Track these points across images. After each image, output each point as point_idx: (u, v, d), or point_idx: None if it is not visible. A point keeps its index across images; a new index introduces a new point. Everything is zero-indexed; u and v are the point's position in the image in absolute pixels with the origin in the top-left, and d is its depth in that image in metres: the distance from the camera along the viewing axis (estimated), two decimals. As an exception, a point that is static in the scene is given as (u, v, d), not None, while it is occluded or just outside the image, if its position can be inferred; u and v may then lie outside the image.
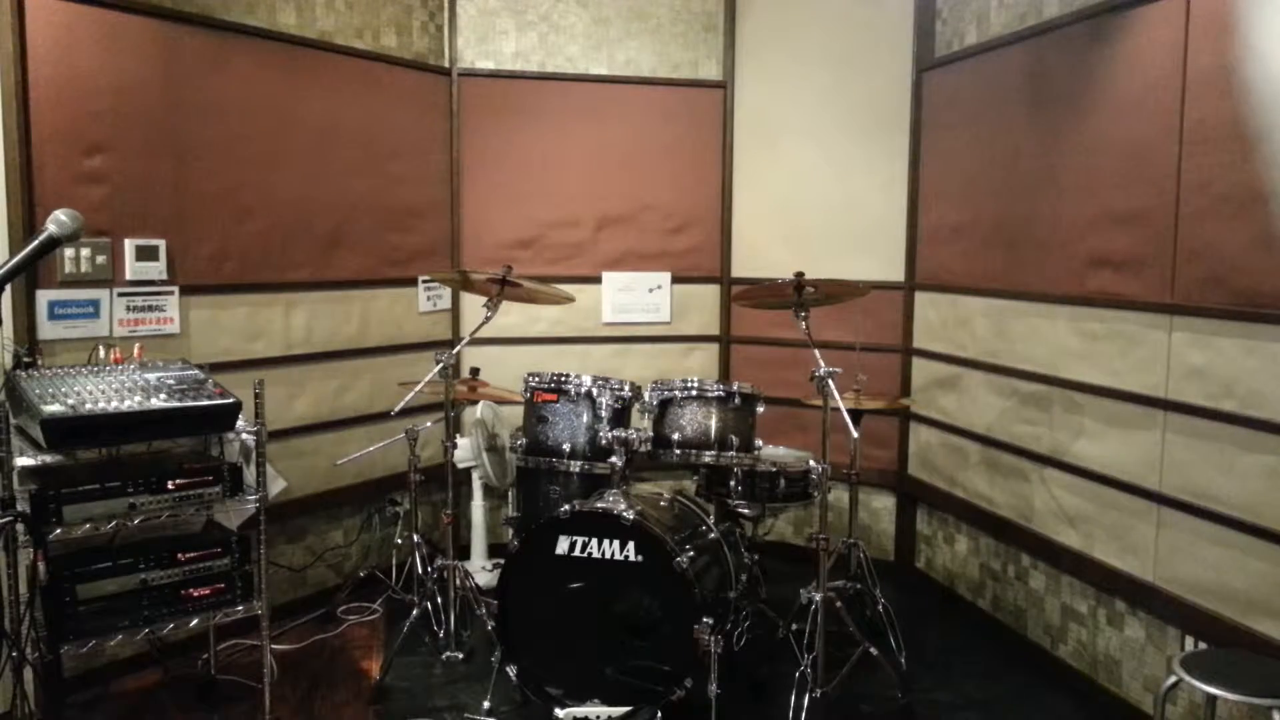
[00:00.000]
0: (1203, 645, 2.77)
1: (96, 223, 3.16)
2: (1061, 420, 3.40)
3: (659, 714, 2.94)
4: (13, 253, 2.97)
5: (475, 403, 4.13)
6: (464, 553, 4.18)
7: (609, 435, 3.21)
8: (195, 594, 2.80)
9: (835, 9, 4.44)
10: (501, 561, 3.13)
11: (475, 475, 4.26)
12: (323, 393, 3.95)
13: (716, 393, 3.35)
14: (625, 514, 2.90)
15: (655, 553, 2.92)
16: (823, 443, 3.12)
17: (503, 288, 3.47)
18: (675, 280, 4.73)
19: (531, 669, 2.99)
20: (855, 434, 3.12)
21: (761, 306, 3.69)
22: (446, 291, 4.47)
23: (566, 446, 3.37)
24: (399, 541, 4.17)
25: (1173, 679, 2.34)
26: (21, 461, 2.50)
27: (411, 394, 3.50)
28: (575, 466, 3.37)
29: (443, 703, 3.22)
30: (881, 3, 4.32)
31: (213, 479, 2.81)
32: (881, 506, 4.56)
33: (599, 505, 2.97)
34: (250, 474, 2.90)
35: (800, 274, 3.21)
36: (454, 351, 3.54)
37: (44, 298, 3.04)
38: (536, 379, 3.49)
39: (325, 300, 3.94)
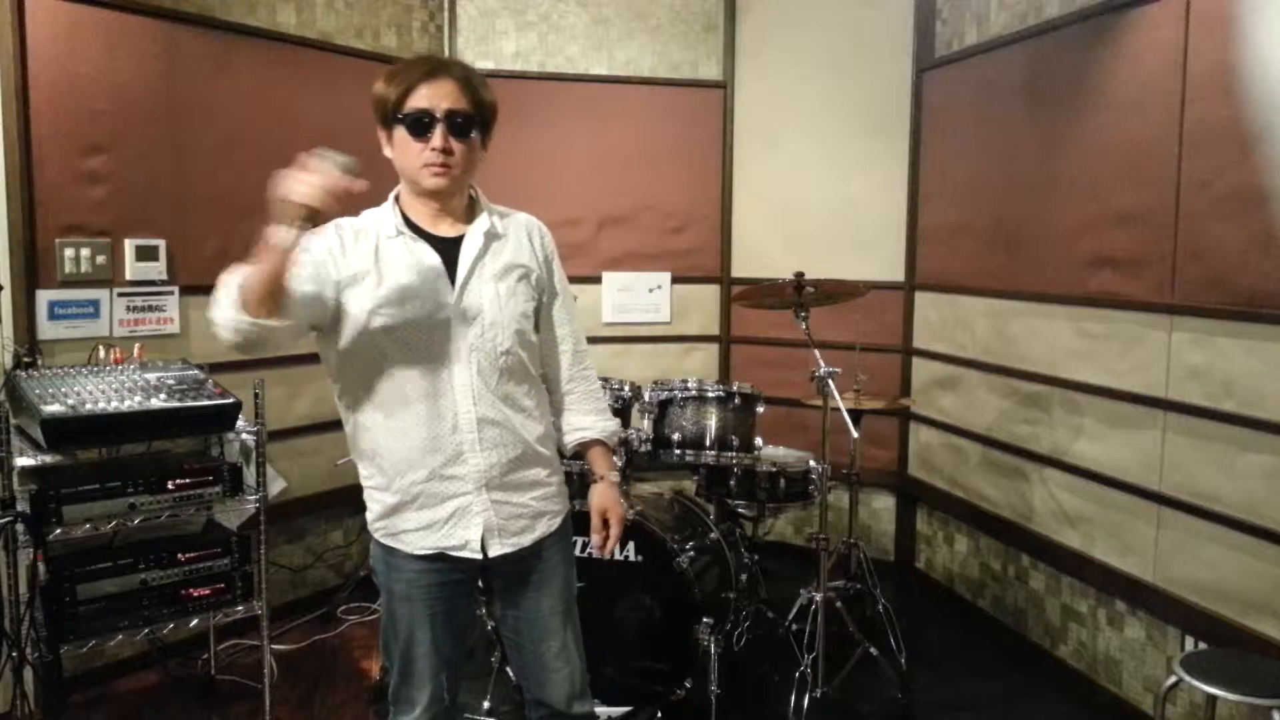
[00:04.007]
0: (1203, 645, 2.77)
1: (96, 223, 3.16)
2: (1061, 420, 3.40)
3: (659, 714, 2.95)
4: (12, 254, 2.98)
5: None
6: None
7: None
8: (195, 594, 2.80)
9: (835, 9, 4.44)
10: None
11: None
12: (323, 393, 3.94)
13: (716, 393, 3.34)
14: (625, 514, 2.90)
15: (655, 553, 2.92)
16: (823, 443, 3.13)
17: (503, 288, 3.46)
18: (675, 280, 4.73)
19: (531, 669, 2.98)
20: (855, 434, 3.12)
21: (761, 306, 3.68)
22: (446, 291, 4.46)
23: (566, 446, 3.37)
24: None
25: (1173, 679, 2.34)
26: (21, 461, 2.50)
27: (411, 394, 3.50)
28: (575, 466, 3.37)
29: (443, 703, 3.22)
30: (881, 3, 4.32)
31: (213, 479, 2.81)
32: (881, 506, 4.56)
33: (599, 505, 2.97)
34: (250, 474, 2.90)
35: (800, 274, 3.21)
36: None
37: (44, 298, 3.04)
38: (536, 379, 3.49)
39: (325, 300, 3.93)
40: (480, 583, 2.00)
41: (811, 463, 3.52)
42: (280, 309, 1.66)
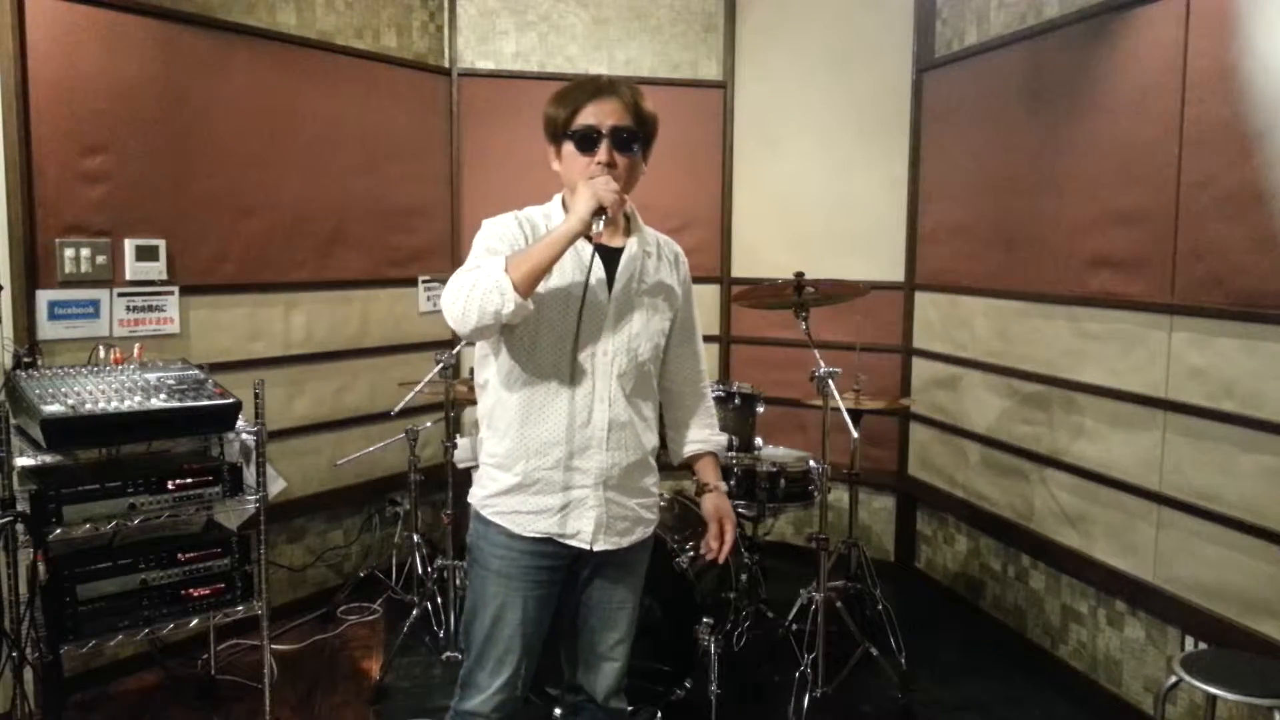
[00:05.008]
0: (1203, 645, 2.77)
1: (96, 223, 3.16)
2: (1061, 420, 3.39)
3: (659, 714, 2.95)
4: (12, 254, 2.98)
5: (475, 403, 4.12)
6: (463, 553, 4.17)
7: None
8: (195, 594, 2.80)
9: (835, 9, 4.44)
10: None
11: (475, 475, 4.25)
12: (323, 393, 3.95)
13: (716, 393, 3.34)
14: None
15: (655, 553, 2.91)
16: (823, 443, 3.13)
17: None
18: (675, 280, 4.72)
19: (531, 669, 2.98)
20: (855, 434, 3.12)
21: (761, 306, 3.69)
22: (446, 291, 4.46)
23: (566, 446, 3.36)
24: (399, 541, 4.17)
25: (1173, 679, 2.34)
26: (21, 461, 2.50)
27: (411, 394, 3.50)
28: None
29: (443, 703, 3.19)
30: (881, 3, 4.32)
31: (213, 479, 2.81)
32: (881, 506, 4.56)
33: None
34: (250, 474, 2.90)
35: (800, 274, 3.21)
36: (454, 351, 3.54)
37: (44, 298, 3.04)
38: (536, 379, 3.49)
39: (325, 300, 3.94)
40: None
41: (811, 463, 3.52)
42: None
